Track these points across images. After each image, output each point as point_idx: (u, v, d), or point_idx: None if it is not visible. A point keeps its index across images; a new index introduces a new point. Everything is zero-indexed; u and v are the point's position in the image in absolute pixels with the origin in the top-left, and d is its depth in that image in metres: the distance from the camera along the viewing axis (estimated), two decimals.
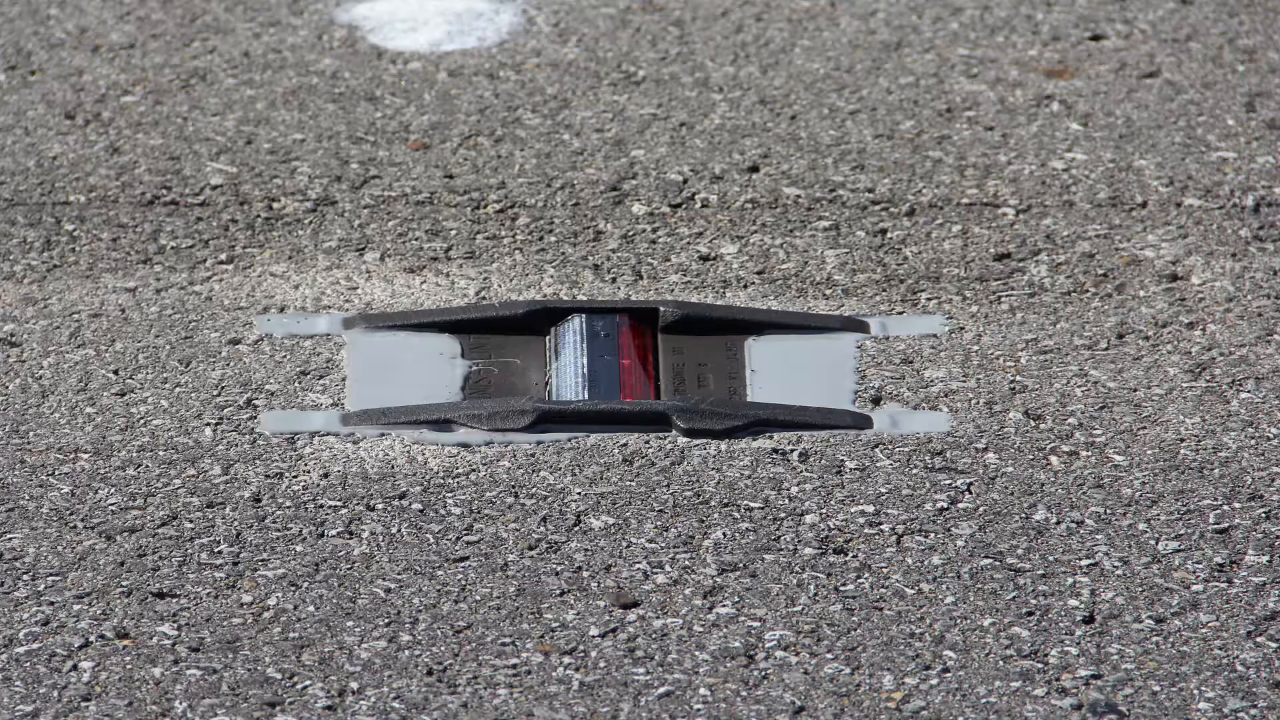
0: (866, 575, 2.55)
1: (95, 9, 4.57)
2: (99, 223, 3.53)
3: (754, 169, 3.75)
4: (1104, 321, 3.18)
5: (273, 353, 3.10)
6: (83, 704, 2.29)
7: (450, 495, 2.72)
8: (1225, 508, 2.69)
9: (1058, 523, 2.66)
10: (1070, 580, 2.54)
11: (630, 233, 3.50)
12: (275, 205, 3.62)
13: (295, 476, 2.76)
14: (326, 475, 2.77)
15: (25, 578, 2.53)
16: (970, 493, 2.73)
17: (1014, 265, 3.35)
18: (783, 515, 2.67)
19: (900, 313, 3.20)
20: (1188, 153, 3.87)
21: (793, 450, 2.83)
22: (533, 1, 4.58)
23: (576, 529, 2.64)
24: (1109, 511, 2.69)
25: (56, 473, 2.76)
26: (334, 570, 2.55)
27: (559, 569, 2.56)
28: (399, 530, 2.64)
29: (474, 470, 2.78)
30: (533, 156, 3.81)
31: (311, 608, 2.47)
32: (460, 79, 4.18)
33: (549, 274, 3.36)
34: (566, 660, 2.38)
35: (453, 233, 3.51)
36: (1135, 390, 2.99)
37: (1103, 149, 3.70)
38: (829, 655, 2.40)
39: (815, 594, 2.51)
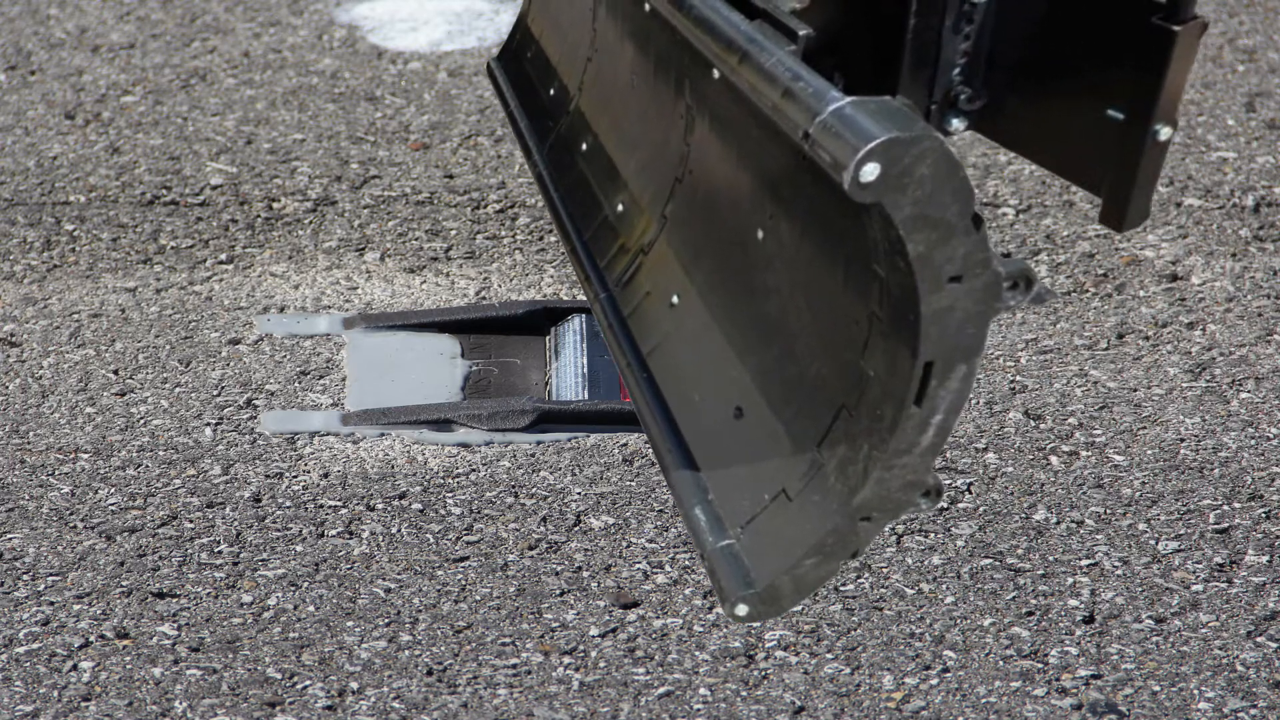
0: (866, 575, 2.55)
1: (95, 9, 4.57)
2: (99, 223, 3.53)
3: None
4: (1104, 321, 3.18)
5: (273, 353, 3.10)
6: (83, 704, 2.29)
7: (450, 495, 2.72)
8: (1225, 508, 2.69)
9: (1058, 523, 2.66)
10: (1070, 580, 2.54)
11: None
12: (275, 205, 3.62)
13: (295, 476, 2.76)
14: (326, 475, 2.76)
15: (25, 578, 2.53)
16: (970, 493, 2.73)
17: None
18: None
19: None
20: (1188, 152, 3.86)
21: None
22: None
23: (576, 529, 2.64)
24: (1109, 511, 2.69)
25: (56, 473, 2.76)
26: (334, 570, 2.55)
27: (559, 569, 2.56)
28: (399, 530, 2.63)
29: (474, 470, 2.78)
30: None
31: (311, 608, 2.47)
32: (460, 79, 4.18)
33: (549, 274, 3.36)
34: (566, 660, 2.38)
35: (453, 233, 3.51)
36: (1135, 390, 2.98)
37: None
38: (829, 655, 2.40)
39: (815, 594, 2.51)
